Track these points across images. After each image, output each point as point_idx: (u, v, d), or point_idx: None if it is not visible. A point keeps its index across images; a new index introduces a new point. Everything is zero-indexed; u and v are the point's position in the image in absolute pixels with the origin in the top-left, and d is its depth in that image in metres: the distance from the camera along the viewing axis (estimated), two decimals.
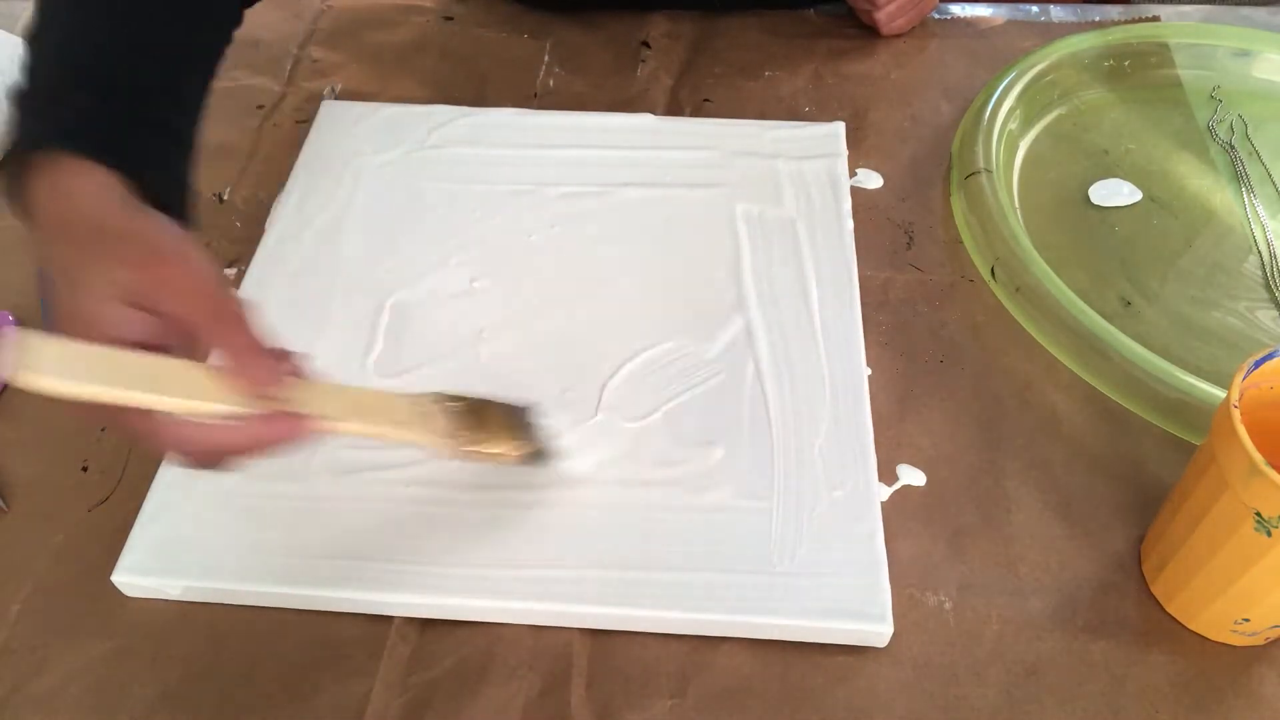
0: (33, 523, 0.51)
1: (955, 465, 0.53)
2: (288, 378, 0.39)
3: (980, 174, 0.63)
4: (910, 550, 0.50)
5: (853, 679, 0.46)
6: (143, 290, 0.38)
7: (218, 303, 0.38)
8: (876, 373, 0.56)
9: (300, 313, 0.57)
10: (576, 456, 0.50)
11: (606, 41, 0.77)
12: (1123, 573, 0.49)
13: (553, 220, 0.62)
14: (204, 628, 0.47)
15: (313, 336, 0.56)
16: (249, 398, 0.38)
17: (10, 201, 0.43)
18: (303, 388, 0.39)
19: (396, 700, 0.45)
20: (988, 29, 0.78)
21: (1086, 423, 0.55)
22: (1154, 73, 0.74)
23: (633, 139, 0.67)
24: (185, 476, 0.51)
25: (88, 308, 0.38)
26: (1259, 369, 0.43)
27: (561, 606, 0.47)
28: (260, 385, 0.38)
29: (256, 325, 0.39)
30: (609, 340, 0.56)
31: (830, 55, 0.76)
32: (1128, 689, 0.45)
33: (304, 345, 0.55)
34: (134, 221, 0.40)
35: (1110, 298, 0.60)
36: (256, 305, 0.39)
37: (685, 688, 0.45)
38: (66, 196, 0.41)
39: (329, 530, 0.49)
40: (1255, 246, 0.63)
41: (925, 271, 0.62)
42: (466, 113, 0.69)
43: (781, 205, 0.63)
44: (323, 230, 0.62)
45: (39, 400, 0.55)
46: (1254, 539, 0.41)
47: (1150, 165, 0.68)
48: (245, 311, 0.39)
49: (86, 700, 0.45)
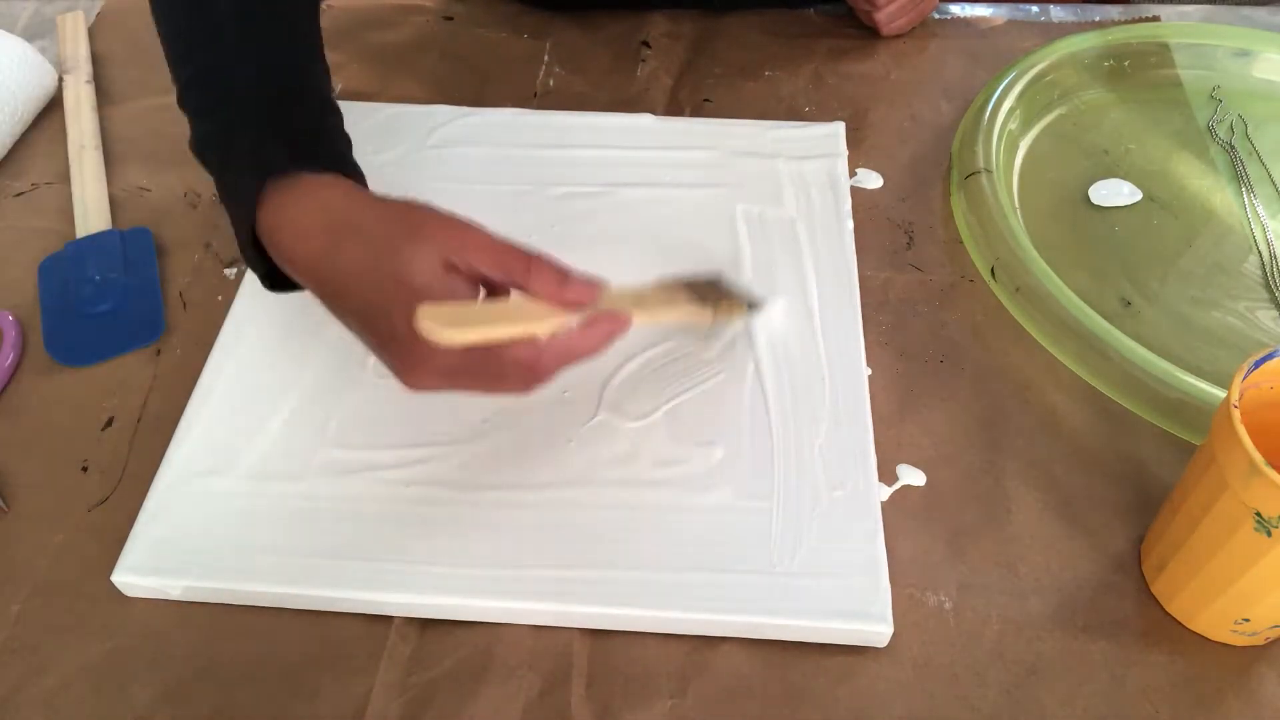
0: (33, 523, 0.51)
1: (955, 465, 0.53)
2: (595, 289, 0.45)
3: (980, 174, 0.63)
4: (910, 550, 0.50)
5: (853, 679, 0.46)
6: (457, 256, 0.43)
7: (517, 251, 0.44)
8: (876, 373, 0.56)
9: (300, 313, 0.57)
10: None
11: (606, 41, 0.77)
12: (1123, 573, 0.49)
13: (553, 220, 0.62)
14: (204, 628, 0.47)
15: (312, 337, 0.56)
16: (579, 310, 0.44)
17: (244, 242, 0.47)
18: (604, 295, 0.46)
19: (396, 700, 0.45)
20: (988, 29, 0.78)
21: (1086, 423, 0.55)
22: (1154, 73, 0.74)
23: (633, 139, 0.67)
24: (185, 476, 0.51)
25: (419, 283, 0.42)
26: (1259, 369, 0.43)
27: (561, 606, 0.47)
28: (581, 300, 0.44)
29: (550, 260, 0.44)
30: None
31: (830, 55, 0.76)
32: (1128, 689, 0.45)
33: (304, 345, 0.56)
34: (406, 206, 0.45)
35: (1110, 298, 0.60)
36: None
37: (685, 688, 0.45)
38: (324, 210, 0.45)
39: (329, 530, 0.49)
40: (1255, 246, 0.63)
41: (925, 271, 0.62)
42: (466, 113, 0.69)
43: (781, 205, 0.63)
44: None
45: (39, 400, 0.56)
46: (1254, 539, 0.41)
47: (1150, 165, 0.68)
48: (538, 253, 0.44)
49: (86, 700, 0.45)
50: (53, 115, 0.71)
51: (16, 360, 0.57)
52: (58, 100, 0.71)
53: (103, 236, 0.62)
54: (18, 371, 0.57)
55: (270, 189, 0.45)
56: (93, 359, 0.57)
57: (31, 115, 0.70)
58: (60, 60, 0.73)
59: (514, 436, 0.52)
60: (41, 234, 0.63)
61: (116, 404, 0.55)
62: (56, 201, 0.65)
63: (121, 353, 0.57)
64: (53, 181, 0.67)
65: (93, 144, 0.68)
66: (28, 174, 0.67)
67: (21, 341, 0.58)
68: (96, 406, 0.55)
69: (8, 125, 0.67)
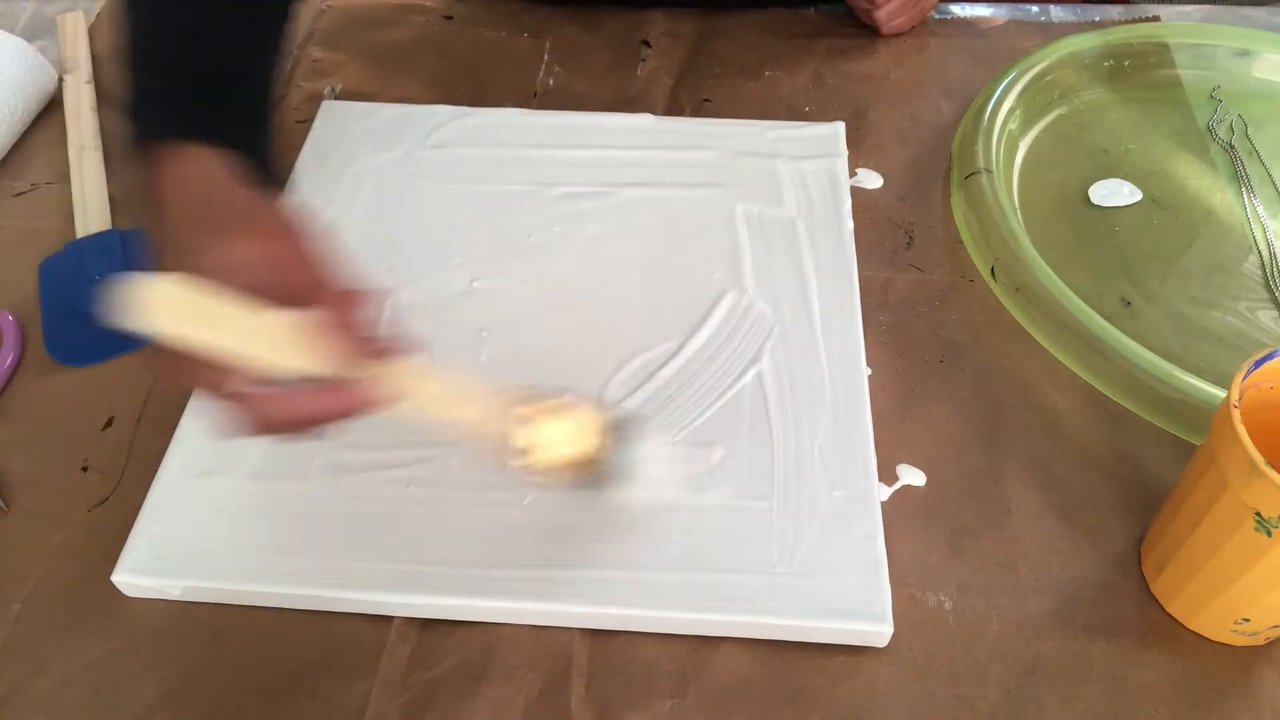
0: (33, 523, 0.51)
1: (955, 465, 0.53)
2: (378, 351, 0.40)
3: (980, 174, 0.63)
4: (910, 550, 0.50)
5: (853, 679, 0.46)
6: (267, 259, 0.40)
7: (328, 273, 0.41)
8: (876, 373, 0.56)
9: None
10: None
11: (606, 40, 0.77)
12: (1123, 573, 0.49)
13: (553, 220, 0.62)
14: (204, 628, 0.47)
15: None
16: (335, 363, 0.39)
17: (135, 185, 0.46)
18: (389, 366, 0.40)
19: (396, 700, 0.45)
20: (988, 29, 0.78)
21: (1086, 423, 0.55)
22: (1154, 73, 0.74)
23: (633, 139, 0.67)
24: (185, 476, 0.51)
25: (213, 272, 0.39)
26: (1259, 369, 0.43)
27: (561, 606, 0.47)
28: (349, 354, 0.39)
29: (364, 301, 0.40)
30: (609, 340, 0.56)
31: (830, 55, 0.76)
32: (1128, 689, 0.45)
33: None
34: (255, 200, 0.43)
35: (1110, 298, 0.60)
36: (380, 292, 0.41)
37: (685, 688, 0.45)
38: (197, 180, 0.43)
39: (329, 530, 0.49)
40: (1255, 246, 0.63)
41: (925, 271, 0.62)
42: (467, 113, 0.69)
43: (781, 205, 0.63)
44: (323, 230, 0.61)
45: (39, 400, 0.56)
46: (1254, 539, 0.41)
47: (1150, 165, 0.68)
48: (357, 287, 0.40)
49: (86, 700, 0.45)
50: (53, 115, 0.71)
51: (16, 360, 0.57)
52: (58, 100, 0.71)
53: (103, 236, 0.62)
54: (18, 371, 0.57)
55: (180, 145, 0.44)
56: (93, 359, 0.57)
57: (31, 115, 0.70)
58: (60, 60, 0.73)
59: None
60: (41, 234, 0.63)
61: (116, 404, 0.55)
62: (56, 201, 0.65)
63: (121, 353, 0.57)
64: (53, 181, 0.67)
65: (93, 144, 0.68)
66: (28, 174, 0.67)
67: (21, 341, 0.58)
68: (96, 406, 0.55)
69: (8, 125, 0.68)
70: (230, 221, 0.42)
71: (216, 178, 0.44)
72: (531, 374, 0.54)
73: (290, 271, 0.40)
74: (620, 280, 0.59)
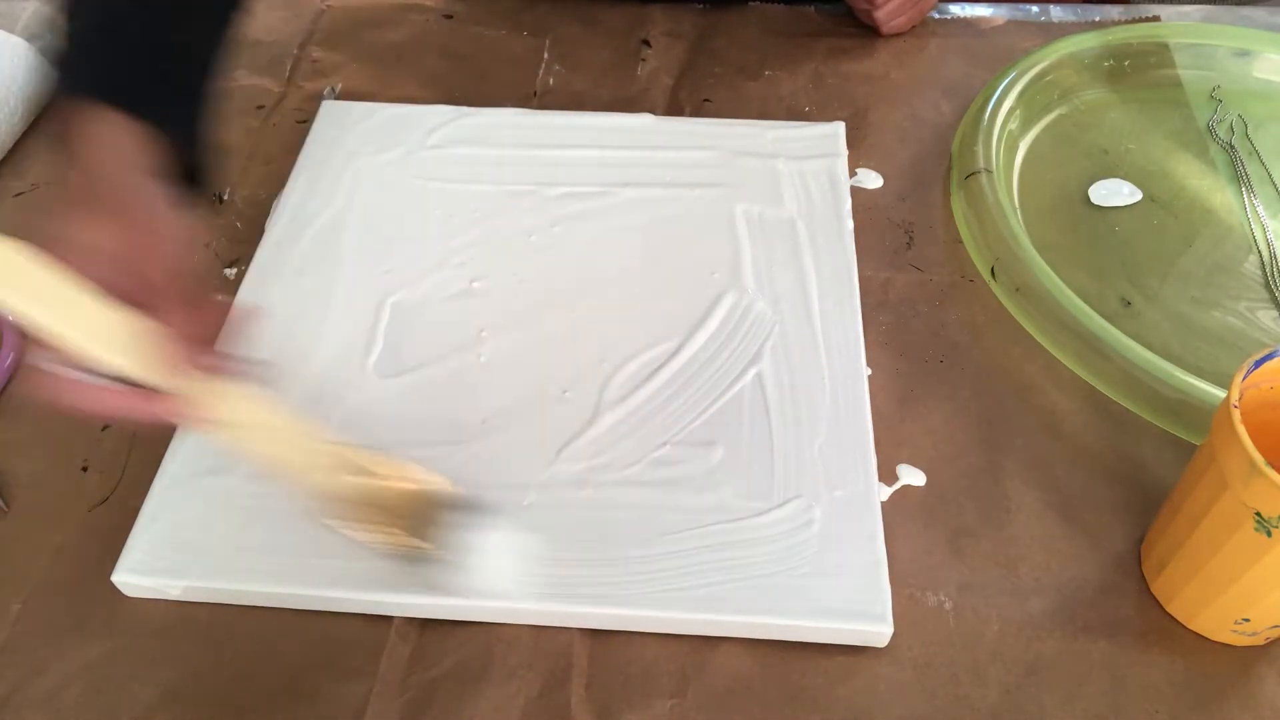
0: (33, 523, 0.51)
1: (955, 465, 0.53)
2: (207, 369, 0.38)
3: (980, 174, 0.63)
4: (910, 550, 0.50)
5: (853, 679, 0.46)
6: (120, 250, 0.39)
7: (179, 280, 0.39)
8: (876, 373, 0.56)
9: (300, 313, 0.57)
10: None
11: (606, 39, 0.77)
12: (1123, 573, 0.49)
13: (553, 220, 0.62)
14: (204, 628, 0.47)
15: (313, 336, 0.56)
16: (158, 373, 0.38)
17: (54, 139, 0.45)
18: (216, 387, 0.39)
19: (396, 700, 0.45)
20: (988, 29, 0.78)
21: (1086, 423, 0.55)
22: (1154, 73, 0.74)
23: (633, 139, 0.67)
24: (185, 476, 0.51)
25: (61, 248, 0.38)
26: (1259, 369, 0.43)
27: (561, 606, 0.47)
28: (175, 367, 0.38)
29: (209, 315, 0.39)
30: (609, 340, 0.56)
31: (830, 55, 0.76)
32: (1128, 689, 0.45)
33: (304, 345, 0.56)
34: (142, 187, 0.42)
35: (1110, 298, 0.60)
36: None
37: (685, 688, 0.45)
38: (99, 148, 0.42)
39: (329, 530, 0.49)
40: (1255, 246, 0.63)
41: (925, 271, 0.62)
42: (466, 113, 0.69)
43: (781, 205, 0.63)
44: (323, 230, 0.62)
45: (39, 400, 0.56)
46: (1254, 539, 0.41)
47: (1150, 165, 0.68)
48: (206, 299, 0.39)
49: (86, 700, 0.45)
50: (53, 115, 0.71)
51: (16, 360, 0.57)
52: None
53: None
54: (18, 371, 0.57)
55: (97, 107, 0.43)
56: None
57: (31, 115, 0.70)
58: None
59: (513, 437, 0.52)
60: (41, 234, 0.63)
61: None
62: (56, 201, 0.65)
63: None
64: (53, 181, 0.67)
65: None
66: (28, 174, 0.67)
67: (22, 341, 0.58)
68: None
69: (8, 125, 0.68)
70: (101, 202, 0.40)
71: (118, 152, 0.42)
72: (531, 374, 0.54)
73: (140, 269, 0.39)
74: (620, 280, 0.59)
